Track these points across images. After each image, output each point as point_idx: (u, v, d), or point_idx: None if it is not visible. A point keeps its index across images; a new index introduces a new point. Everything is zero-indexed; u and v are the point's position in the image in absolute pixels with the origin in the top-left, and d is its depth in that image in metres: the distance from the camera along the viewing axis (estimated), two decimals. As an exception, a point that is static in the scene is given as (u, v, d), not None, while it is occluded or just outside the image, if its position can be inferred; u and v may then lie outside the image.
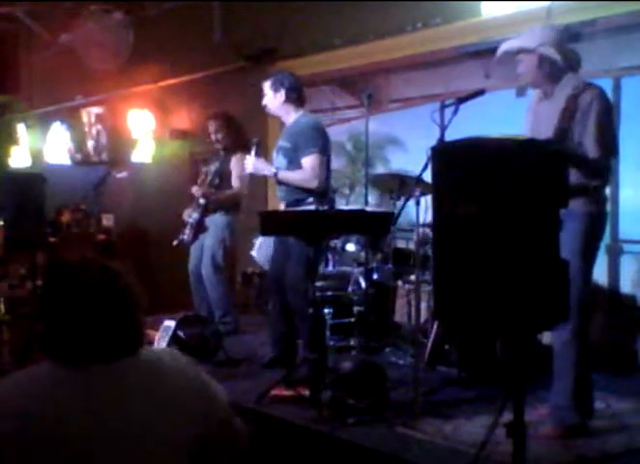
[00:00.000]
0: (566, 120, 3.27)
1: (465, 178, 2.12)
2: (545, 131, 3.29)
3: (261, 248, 5.08)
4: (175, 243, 5.73)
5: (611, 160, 3.49)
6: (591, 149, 3.27)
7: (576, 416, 3.34)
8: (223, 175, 5.69)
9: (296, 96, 4.60)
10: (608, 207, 3.48)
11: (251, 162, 4.58)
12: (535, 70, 3.44)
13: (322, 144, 4.47)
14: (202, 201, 5.67)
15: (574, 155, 3.25)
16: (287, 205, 4.58)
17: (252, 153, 4.59)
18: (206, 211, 5.69)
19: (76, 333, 1.64)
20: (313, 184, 4.41)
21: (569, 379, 3.32)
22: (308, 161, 4.41)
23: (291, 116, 4.62)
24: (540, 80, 3.47)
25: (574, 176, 3.19)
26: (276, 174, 4.51)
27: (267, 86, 4.63)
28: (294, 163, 4.48)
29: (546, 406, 3.45)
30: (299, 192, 4.47)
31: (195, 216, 5.68)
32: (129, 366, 1.69)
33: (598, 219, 3.40)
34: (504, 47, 3.55)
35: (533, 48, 3.41)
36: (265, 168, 4.61)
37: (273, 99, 4.61)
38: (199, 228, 5.69)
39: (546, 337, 4.01)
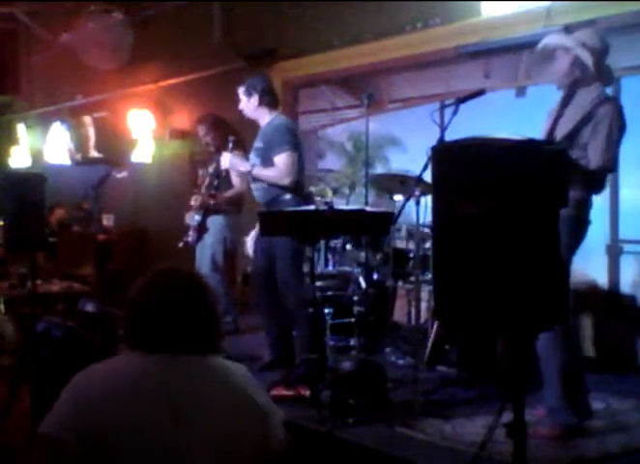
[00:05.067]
0: (580, 125, 3.26)
1: (465, 178, 2.11)
2: (560, 134, 3.28)
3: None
4: (180, 244, 5.77)
5: (607, 175, 3.46)
6: (594, 159, 3.26)
7: (572, 416, 3.33)
8: (222, 175, 5.70)
9: (269, 98, 4.68)
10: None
11: (227, 158, 4.76)
12: (567, 70, 3.40)
13: (294, 142, 4.54)
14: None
15: (572, 162, 3.23)
16: (265, 204, 4.60)
17: (229, 150, 4.77)
18: (207, 212, 5.73)
19: (165, 323, 1.84)
20: (286, 181, 4.46)
21: (558, 381, 3.32)
22: (281, 159, 4.47)
23: (266, 118, 4.68)
24: (569, 83, 3.42)
25: None
26: (251, 170, 4.57)
27: (241, 92, 4.72)
28: (267, 162, 4.54)
29: (543, 407, 3.45)
30: (275, 190, 4.51)
31: (197, 217, 5.75)
32: (207, 362, 1.88)
33: (579, 224, 3.33)
34: (545, 41, 3.50)
35: (570, 47, 3.38)
36: (241, 164, 4.73)
37: (247, 103, 4.69)
38: (202, 229, 5.74)
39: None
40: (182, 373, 1.83)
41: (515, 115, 5.90)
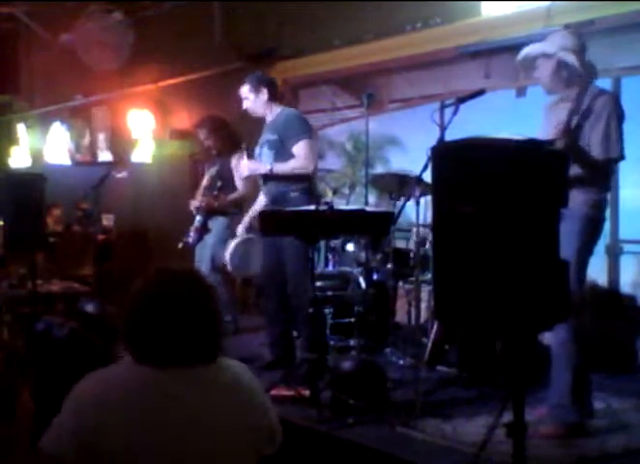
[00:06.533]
0: (581, 121, 3.29)
1: (465, 178, 2.11)
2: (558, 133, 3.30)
3: (235, 254, 5.06)
4: (180, 245, 5.77)
5: (614, 165, 3.49)
6: (596, 150, 3.28)
7: (575, 415, 3.34)
8: (224, 177, 5.69)
9: (275, 90, 4.72)
10: (607, 212, 3.49)
11: (246, 166, 4.73)
12: (552, 75, 3.43)
13: (308, 130, 4.59)
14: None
15: (581, 150, 3.26)
16: (272, 198, 4.61)
17: (244, 157, 4.74)
18: (210, 213, 5.73)
19: (166, 335, 1.77)
20: (309, 168, 4.51)
21: (567, 378, 3.33)
22: (301, 148, 4.49)
23: (274, 112, 4.69)
24: (558, 86, 3.45)
25: (573, 169, 3.20)
26: (271, 169, 4.56)
27: (246, 91, 4.69)
28: (281, 153, 4.54)
29: (545, 406, 3.45)
30: (283, 184, 4.53)
31: (199, 218, 5.75)
32: (209, 373, 1.82)
33: (596, 224, 3.40)
34: (525, 52, 3.53)
35: (553, 53, 3.41)
36: (260, 167, 4.68)
37: (256, 100, 4.67)
38: (204, 230, 5.75)
39: (547, 337, 4.02)
40: (192, 387, 1.78)
41: (515, 115, 5.89)
